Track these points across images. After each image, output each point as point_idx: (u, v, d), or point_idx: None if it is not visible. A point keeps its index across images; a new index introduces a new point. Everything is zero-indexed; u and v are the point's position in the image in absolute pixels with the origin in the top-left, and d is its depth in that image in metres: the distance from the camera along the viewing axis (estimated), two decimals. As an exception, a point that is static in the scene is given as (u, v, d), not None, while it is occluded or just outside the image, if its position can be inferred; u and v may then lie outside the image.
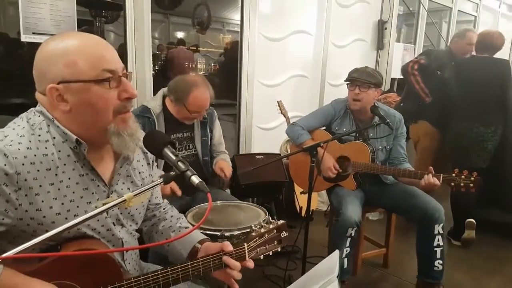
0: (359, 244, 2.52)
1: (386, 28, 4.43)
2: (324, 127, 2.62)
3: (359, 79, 2.39)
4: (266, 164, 2.52)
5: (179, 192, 1.98)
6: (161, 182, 0.93)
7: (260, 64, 3.40)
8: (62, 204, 0.99)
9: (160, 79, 3.39)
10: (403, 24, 5.07)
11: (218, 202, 2.07)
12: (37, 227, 0.96)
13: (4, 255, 0.68)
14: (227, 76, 3.75)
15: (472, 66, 3.24)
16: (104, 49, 1.01)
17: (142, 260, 1.32)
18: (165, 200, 1.40)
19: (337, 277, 1.09)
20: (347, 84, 2.48)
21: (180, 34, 5.87)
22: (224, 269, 1.16)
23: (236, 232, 1.71)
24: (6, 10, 2.54)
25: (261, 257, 1.24)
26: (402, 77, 3.75)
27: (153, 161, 1.29)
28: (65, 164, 1.00)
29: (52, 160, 0.98)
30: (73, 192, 1.01)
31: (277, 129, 3.67)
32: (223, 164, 2.32)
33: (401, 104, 3.67)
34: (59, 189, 0.99)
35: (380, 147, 2.49)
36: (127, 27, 2.55)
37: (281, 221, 1.28)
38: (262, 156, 3.14)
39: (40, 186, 0.96)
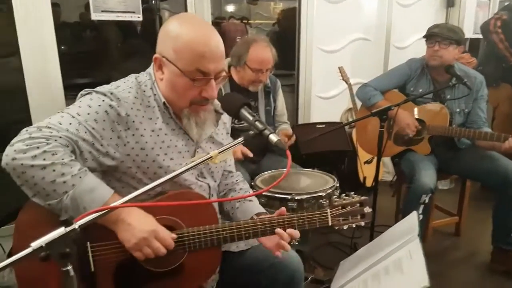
0: (430, 212, 2.44)
1: (456, -17, 4.06)
2: (398, 89, 2.51)
3: (440, 34, 2.25)
4: (330, 131, 2.49)
5: (250, 154, 2.03)
6: (242, 141, 0.96)
7: (320, 29, 3.29)
8: (161, 148, 1.14)
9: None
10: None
11: (285, 169, 2.09)
12: (140, 164, 1.11)
13: (114, 204, 0.77)
14: (282, 46, 3.70)
15: None
16: (209, 49, 1.09)
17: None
18: (239, 173, 1.47)
19: (418, 235, 1.07)
20: (426, 40, 2.35)
21: (231, 8, 5.84)
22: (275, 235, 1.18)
23: (305, 196, 1.73)
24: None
25: (345, 227, 1.26)
26: (476, 36, 3.45)
27: (229, 132, 1.42)
28: (163, 117, 1.16)
29: (153, 112, 1.14)
30: (170, 140, 1.16)
31: (337, 98, 3.58)
32: (287, 131, 2.33)
33: (480, 68, 3.38)
34: (158, 135, 1.14)
35: (458, 109, 2.35)
36: (187, 3, 2.62)
37: (364, 197, 1.29)
38: (324, 125, 3.10)
39: (144, 129, 1.12)
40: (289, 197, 1.70)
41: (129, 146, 1.09)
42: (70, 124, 1.02)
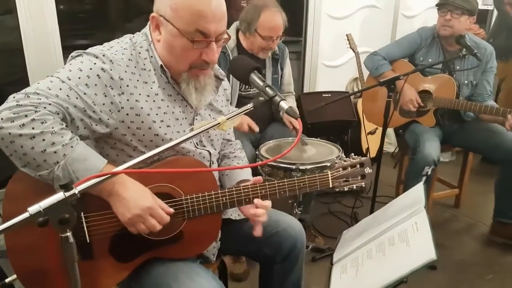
0: (432, 184, 2.44)
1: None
2: (407, 59, 2.44)
3: (452, 2, 2.16)
4: (336, 101, 2.43)
5: (256, 129, 1.99)
6: (252, 108, 0.92)
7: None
8: (157, 114, 1.08)
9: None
10: None
11: (290, 138, 2.07)
12: (136, 131, 1.05)
13: (116, 169, 0.74)
14: (288, 11, 3.57)
15: None
16: (209, 6, 1.01)
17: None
18: (238, 141, 1.44)
19: (424, 207, 1.06)
20: (438, 9, 2.26)
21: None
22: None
23: (309, 166, 1.71)
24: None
25: (345, 188, 1.24)
26: (485, 7, 3.31)
27: (230, 99, 1.36)
28: (159, 81, 1.09)
29: (149, 76, 1.07)
30: (167, 106, 1.10)
31: (344, 67, 3.51)
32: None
33: (490, 40, 3.27)
34: (154, 100, 1.07)
35: (466, 81, 2.30)
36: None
37: (365, 157, 1.26)
38: (330, 95, 3.05)
39: (140, 94, 1.05)
40: (293, 167, 1.68)
41: (124, 112, 1.02)
42: (60, 89, 0.95)
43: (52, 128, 0.90)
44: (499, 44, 3.12)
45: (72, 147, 0.92)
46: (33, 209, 0.60)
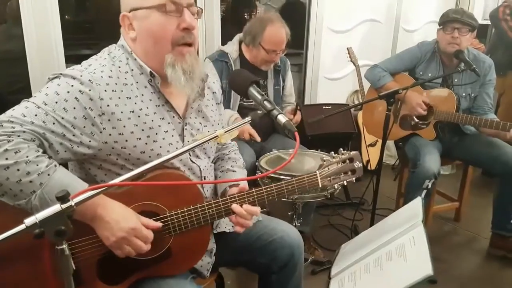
0: (432, 197, 2.43)
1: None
2: (408, 72, 2.46)
3: (462, 20, 2.18)
4: (336, 113, 2.45)
5: (258, 138, 2.00)
6: (249, 121, 0.93)
7: (330, 8, 3.21)
8: (142, 130, 1.04)
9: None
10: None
11: (290, 150, 2.07)
12: (120, 150, 1.03)
13: (110, 182, 0.74)
14: (290, 24, 3.61)
15: None
16: None
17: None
18: (234, 143, 1.41)
19: (422, 221, 1.05)
20: (441, 27, 2.28)
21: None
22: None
23: (308, 178, 1.70)
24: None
25: (336, 186, 1.22)
26: (485, 22, 3.35)
27: (221, 101, 1.33)
28: (143, 95, 1.06)
29: (132, 90, 1.04)
30: (152, 120, 1.06)
31: (344, 79, 3.53)
32: (291, 108, 2.29)
33: (489, 56, 3.30)
34: (139, 116, 1.04)
35: (464, 94, 2.32)
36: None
37: (354, 152, 1.24)
38: (330, 107, 3.06)
39: (122, 112, 1.01)
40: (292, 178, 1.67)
41: (106, 133, 0.99)
42: (36, 115, 0.91)
43: (27, 157, 0.88)
44: (497, 59, 3.13)
45: (49, 175, 0.89)
46: (29, 220, 0.60)
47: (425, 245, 0.90)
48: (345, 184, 1.24)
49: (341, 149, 1.26)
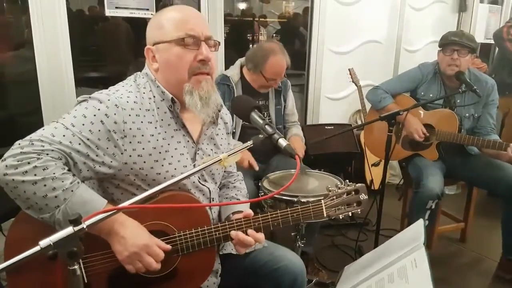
0: (437, 218, 2.42)
1: (469, -13, 4.01)
2: (409, 93, 2.49)
3: (461, 42, 2.22)
4: (339, 134, 2.48)
5: (256, 167, 2.06)
6: (251, 145, 0.96)
7: (331, 30, 3.29)
8: (160, 153, 1.12)
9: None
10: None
11: (292, 170, 2.09)
12: (138, 171, 1.10)
13: (120, 205, 0.78)
14: (291, 46, 3.67)
15: None
16: (191, 16, 1.14)
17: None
18: (240, 173, 1.48)
19: (424, 244, 1.06)
20: (441, 49, 2.32)
21: (243, 5, 5.82)
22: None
23: (311, 199, 1.72)
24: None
25: (341, 216, 1.24)
26: (487, 41, 3.40)
27: (231, 132, 1.41)
28: (162, 120, 1.14)
29: (153, 115, 1.13)
30: (168, 144, 1.14)
31: (346, 100, 3.57)
32: (296, 144, 2.33)
33: (493, 76, 3.34)
34: (157, 140, 1.12)
35: (467, 114, 2.34)
36: (201, 1, 2.62)
37: (360, 184, 1.27)
38: (332, 127, 3.09)
39: (142, 135, 1.09)
40: (295, 199, 1.69)
41: (126, 154, 1.07)
42: (64, 136, 1.00)
43: (54, 174, 0.95)
44: (501, 79, 3.17)
45: (72, 191, 0.96)
46: (44, 243, 0.64)
47: (426, 267, 0.91)
48: (350, 215, 1.26)
49: (347, 180, 1.29)
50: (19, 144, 0.97)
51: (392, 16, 3.62)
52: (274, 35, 4.98)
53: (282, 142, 0.95)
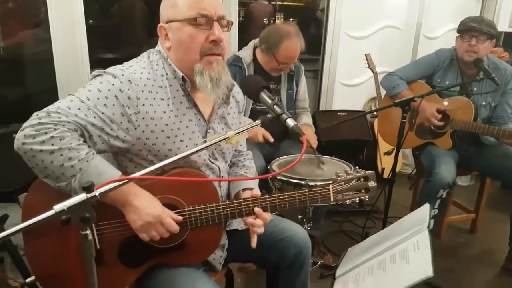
0: (447, 207, 2.41)
1: (495, -28, 3.87)
2: (425, 80, 2.45)
3: (479, 29, 2.16)
4: (351, 119, 2.47)
5: (271, 139, 2.05)
6: (259, 124, 0.98)
7: (348, 14, 3.22)
8: (172, 130, 1.14)
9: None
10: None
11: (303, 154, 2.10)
12: (151, 147, 1.12)
13: (132, 176, 0.82)
14: (307, 30, 3.61)
15: None
16: None
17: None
18: (249, 152, 1.49)
19: (428, 227, 1.08)
20: (459, 34, 2.26)
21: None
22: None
23: (319, 183, 1.73)
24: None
25: (348, 202, 1.25)
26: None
27: (243, 111, 1.42)
28: (174, 97, 1.16)
29: (165, 92, 1.14)
30: (180, 121, 1.16)
31: (362, 86, 3.52)
32: (308, 134, 2.32)
33: None
34: (169, 117, 1.14)
35: (484, 103, 2.28)
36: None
37: (369, 171, 1.27)
38: (345, 113, 3.07)
39: (155, 112, 1.11)
40: (303, 182, 1.71)
41: (140, 130, 1.09)
42: (79, 109, 1.02)
43: (70, 144, 0.98)
44: None
45: (87, 161, 1.00)
46: (58, 207, 0.67)
47: (428, 249, 0.93)
48: (357, 201, 1.27)
49: (357, 167, 1.29)
50: (37, 115, 1.00)
51: (412, 1, 3.52)
52: (291, 19, 4.92)
53: (290, 122, 0.97)
